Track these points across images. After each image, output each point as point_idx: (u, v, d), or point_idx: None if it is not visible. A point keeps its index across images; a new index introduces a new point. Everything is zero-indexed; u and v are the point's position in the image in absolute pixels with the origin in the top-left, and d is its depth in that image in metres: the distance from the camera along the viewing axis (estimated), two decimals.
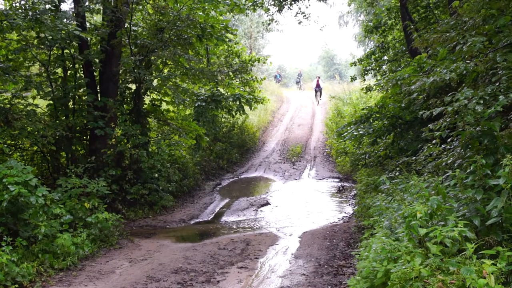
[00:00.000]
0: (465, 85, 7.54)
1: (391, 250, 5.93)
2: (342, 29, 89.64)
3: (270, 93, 35.34)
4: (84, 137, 14.53)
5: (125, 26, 14.26)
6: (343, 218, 13.76)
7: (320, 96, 38.91)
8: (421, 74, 9.69)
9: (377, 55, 22.35)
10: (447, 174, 7.11)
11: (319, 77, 40.85)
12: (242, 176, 20.77)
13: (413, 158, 10.49)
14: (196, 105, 20.49)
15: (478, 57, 7.32)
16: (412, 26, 13.98)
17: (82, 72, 14.38)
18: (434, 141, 9.22)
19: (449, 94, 6.91)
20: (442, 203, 6.08)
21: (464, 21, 7.78)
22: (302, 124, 30.46)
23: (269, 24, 23.05)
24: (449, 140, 8.48)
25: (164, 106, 17.21)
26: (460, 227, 5.37)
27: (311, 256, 9.83)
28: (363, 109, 16.47)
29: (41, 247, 9.05)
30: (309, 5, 43.48)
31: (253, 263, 9.54)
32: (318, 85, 39.14)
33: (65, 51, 13.73)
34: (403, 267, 5.34)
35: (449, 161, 8.00)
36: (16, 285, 7.83)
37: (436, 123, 7.84)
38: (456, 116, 7.16)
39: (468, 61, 7.20)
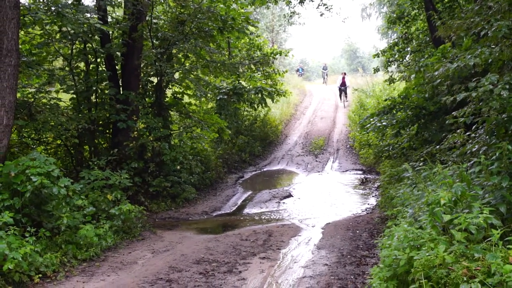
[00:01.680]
0: (490, 72, 7.36)
1: (414, 238, 5.83)
2: (365, 21, 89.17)
3: (293, 87, 35.16)
4: (107, 131, 14.60)
5: (146, 19, 14.28)
6: (366, 210, 13.64)
7: (346, 97, 33.23)
8: (444, 60, 9.52)
9: (400, 46, 22.12)
10: (472, 162, 6.97)
11: (345, 74, 34.56)
12: (264, 169, 20.71)
13: (437, 147, 10.30)
14: (218, 98, 20.52)
15: (504, 43, 7.13)
16: (436, 16, 13.74)
17: (104, 66, 14.45)
18: (458, 130, 9.06)
19: (474, 80, 6.76)
20: (467, 190, 5.96)
21: (489, 6, 7.60)
22: (324, 117, 30.27)
23: (290, 16, 22.93)
24: (473, 127, 8.31)
25: (186, 99, 17.22)
26: (486, 213, 5.25)
27: (334, 246, 9.75)
28: (386, 99, 16.29)
29: (64, 238, 9.12)
30: None
31: (275, 254, 9.50)
32: (343, 83, 33.00)
33: (87, 45, 13.81)
34: (427, 254, 5.24)
35: (474, 149, 7.86)
36: (40, 275, 7.91)
37: (460, 110, 7.69)
38: (480, 102, 7.02)
39: (493, 46, 7.04)
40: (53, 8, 11.82)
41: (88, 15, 12.82)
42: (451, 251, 5.15)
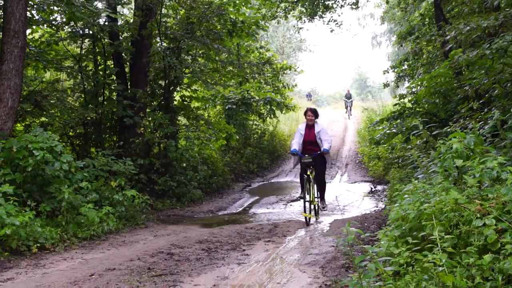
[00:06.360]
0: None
1: (424, 194, 5.57)
2: (375, 50, 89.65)
3: (303, 108, 35.05)
4: (113, 131, 14.49)
5: (156, 17, 14.26)
6: (375, 210, 13.34)
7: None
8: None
9: (410, 62, 22.04)
10: (484, 126, 6.74)
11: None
12: (272, 180, 20.42)
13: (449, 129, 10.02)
14: (227, 108, 20.42)
15: None
16: (446, 27, 13.53)
17: (112, 64, 14.40)
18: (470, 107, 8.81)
19: (488, 40, 6.58)
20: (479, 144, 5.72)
21: None
22: (334, 135, 29.94)
23: (301, 29, 23.00)
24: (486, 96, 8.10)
25: (194, 104, 17.12)
26: (500, 158, 5.02)
27: (341, 234, 9.46)
28: (395, 104, 16.12)
29: (65, 219, 8.90)
30: (342, 13, 43.45)
31: (281, 239, 9.23)
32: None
33: (96, 43, 13.81)
34: (437, 199, 4.99)
35: (486, 127, 7.62)
36: (38, 245, 7.69)
37: (472, 87, 7.48)
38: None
39: (507, 9, 6.87)
40: None
41: (97, 4, 12.80)
42: (463, 194, 4.91)
